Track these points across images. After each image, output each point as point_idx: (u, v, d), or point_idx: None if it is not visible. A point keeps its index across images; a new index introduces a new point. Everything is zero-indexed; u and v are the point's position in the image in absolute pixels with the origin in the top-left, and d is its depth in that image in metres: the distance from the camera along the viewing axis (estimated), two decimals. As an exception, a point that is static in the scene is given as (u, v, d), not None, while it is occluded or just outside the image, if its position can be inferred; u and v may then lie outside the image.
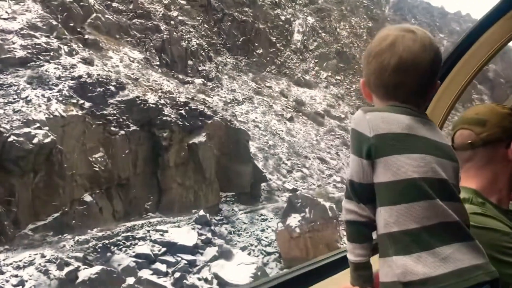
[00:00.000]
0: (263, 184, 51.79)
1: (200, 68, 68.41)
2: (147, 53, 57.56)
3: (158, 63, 51.66)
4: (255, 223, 40.75)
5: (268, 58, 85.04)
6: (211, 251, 31.85)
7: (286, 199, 41.68)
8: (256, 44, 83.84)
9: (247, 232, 39.45)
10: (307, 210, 36.16)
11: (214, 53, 75.96)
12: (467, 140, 1.77)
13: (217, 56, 76.14)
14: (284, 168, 57.59)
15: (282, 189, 52.60)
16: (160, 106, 37.22)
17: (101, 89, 34.26)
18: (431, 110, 2.32)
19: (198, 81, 64.25)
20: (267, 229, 39.55)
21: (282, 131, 65.62)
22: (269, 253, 37.61)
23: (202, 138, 39.15)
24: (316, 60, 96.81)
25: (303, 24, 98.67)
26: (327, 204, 36.29)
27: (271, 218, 42.20)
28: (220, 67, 73.51)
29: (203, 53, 71.51)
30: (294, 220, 35.92)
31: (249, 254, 35.83)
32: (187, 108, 38.98)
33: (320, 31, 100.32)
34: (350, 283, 1.35)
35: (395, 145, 1.23)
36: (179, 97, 39.61)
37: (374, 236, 1.34)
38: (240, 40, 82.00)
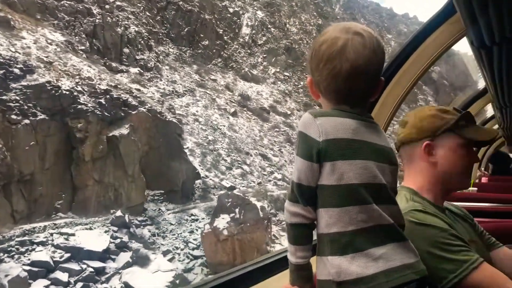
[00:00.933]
0: (197, 182, 48.15)
1: (138, 57, 63.63)
2: (76, 37, 52.52)
3: (83, 47, 46.85)
4: (184, 224, 37.04)
5: (214, 50, 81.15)
6: (124, 257, 27.88)
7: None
8: (202, 35, 79.78)
9: (174, 234, 35.73)
10: (237, 210, 32.90)
11: (156, 43, 71.27)
12: (394, 141, 1.82)
13: (159, 46, 71.51)
14: (223, 165, 54.16)
15: (219, 187, 49.14)
16: (75, 94, 32.77)
17: (1, 72, 29.60)
18: (377, 110, 2.37)
19: (134, 70, 59.66)
20: (196, 230, 35.95)
21: (224, 126, 62.08)
22: (196, 257, 34.08)
23: (124, 130, 35.04)
24: (264, 55, 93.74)
25: (252, 18, 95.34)
26: (259, 204, 33.10)
27: (203, 219, 38.63)
28: (161, 57, 68.98)
29: (142, 42, 66.72)
30: (222, 221, 32.57)
31: (171, 259, 32.20)
32: (108, 96, 34.69)
33: (269, 26, 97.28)
34: (290, 283, 1.34)
35: (341, 150, 1.24)
36: (99, 84, 35.22)
37: (314, 236, 1.34)
38: (185, 30, 77.64)
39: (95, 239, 27.65)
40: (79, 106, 32.21)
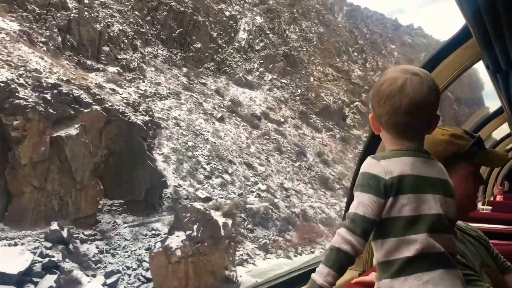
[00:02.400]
0: (168, 191, 43.20)
1: (119, 57, 59.10)
2: (47, 31, 48.09)
3: (43, 40, 42.21)
4: (141, 240, 31.62)
5: (206, 54, 76.39)
6: (48, 281, 23.00)
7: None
8: (194, 38, 75.42)
9: (126, 251, 30.54)
10: (195, 227, 27.87)
11: (143, 43, 66.65)
12: None
13: (146, 47, 66.83)
14: (201, 173, 49.11)
15: (193, 197, 44.04)
16: (13, 86, 28.03)
17: None
18: None
19: (113, 69, 54.87)
20: (154, 247, 30.98)
21: (208, 131, 57.10)
22: (149, 279, 28.92)
23: (73, 130, 30.13)
24: (261, 61, 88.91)
25: (250, 23, 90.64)
26: (221, 220, 28.04)
27: (165, 234, 33.55)
28: (147, 58, 64.26)
29: (126, 41, 62.20)
30: (176, 239, 27.52)
31: (115, 282, 27.14)
32: (55, 92, 29.78)
33: (268, 32, 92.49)
34: None
35: (403, 186, 1.32)
36: (47, 77, 30.43)
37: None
38: (177, 32, 73.19)
39: (13, 258, 22.65)
40: (17, 101, 27.39)
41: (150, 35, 69.30)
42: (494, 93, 2.98)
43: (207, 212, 27.83)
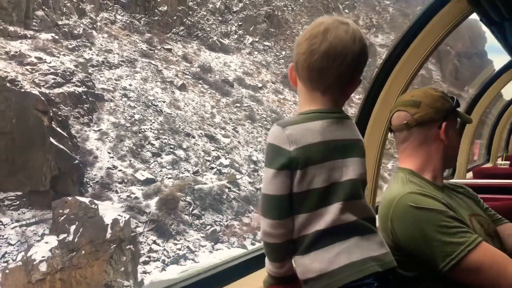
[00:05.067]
0: (99, 175, 35.10)
1: (60, 23, 50.56)
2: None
3: None
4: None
5: (175, 18, 67.38)
6: None
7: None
8: (159, 0, 66.28)
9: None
10: (72, 228, 19.81)
11: (96, 8, 58.16)
12: (403, 121, 1.76)
13: (101, 12, 58.27)
14: (148, 151, 40.82)
15: (130, 180, 36.06)
16: None
17: None
18: (387, 88, 2.32)
19: (46, 36, 46.11)
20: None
21: (164, 102, 48.33)
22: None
23: None
24: (240, 23, 79.82)
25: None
26: (110, 217, 19.92)
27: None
28: (99, 24, 55.71)
29: (69, 5, 53.65)
30: (44, 247, 19.55)
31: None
32: None
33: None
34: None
35: (311, 156, 1.23)
36: None
37: None
38: None
39: None
40: None
41: (106, -1, 60.46)
42: (498, 47, 2.73)
43: (92, 207, 19.57)
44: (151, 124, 41.90)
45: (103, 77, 46.53)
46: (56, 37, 46.07)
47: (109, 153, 36.03)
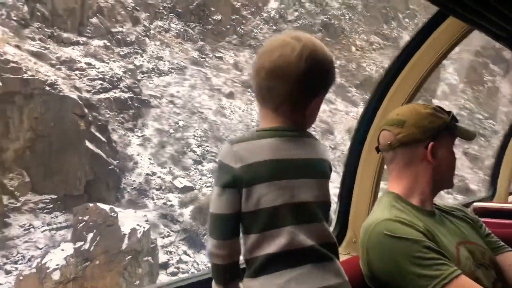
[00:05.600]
0: (138, 181, 34.68)
1: (114, 30, 51.53)
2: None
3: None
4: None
5: (228, 26, 67.33)
6: None
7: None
8: (213, 9, 66.49)
9: (29, 265, 22.23)
10: (90, 236, 19.03)
11: (152, 17, 59.09)
12: (387, 141, 1.64)
13: (155, 21, 59.15)
14: (189, 158, 40.23)
15: (168, 187, 35.40)
16: None
17: None
18: (385, 105, 2.16)
19: (98, 43, 47.02)
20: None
21: (210, 109, 47.80)
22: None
23: None
24: (294, 32, 79.42)
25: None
26: (129, 226, 18.99)
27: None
28: (152, 32, 56.52)
29: (124, 13, 54.70)
30: (59, 255, 18.88)
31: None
32: None
33: (303, 1, 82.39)
34: None
35: (258, 174, 1.16)
36: None
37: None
38: (194, 4, 64.87)
39: None
40: None
41: (161, 8, 61.31)
42: None
43: (112, 215, 18.76)
44: (194, 131, 41.28)
45: (152, 83, 46.68)
46: (108, 43, 46.75)
47: (149, 159, 35.63)
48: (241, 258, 1.21)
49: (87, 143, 27.06)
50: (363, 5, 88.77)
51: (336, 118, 59.74)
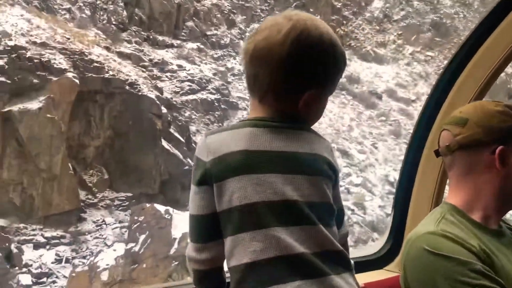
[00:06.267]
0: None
1: (209, 33, 52.16)
2: (111, 5, 43.14)
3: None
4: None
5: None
6: None
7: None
8: (312, 10, 64.94)
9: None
10: (142, 238, 18.39)
11: (249, 20, 59.15)
12: (445, 143, 1.43)
13: (251, 23, 59.07)
14: (272, 161, 38.50)
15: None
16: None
17: None
18: (451, 98, 1.88)
19: (192, 45, 47.87)
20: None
21: (299, 112, 46.33)
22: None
23: (34, 104, 23.31)
24: (400, 32, 74.17)
25: (388, -10, 76.61)
26: (181, 230, 18.00)
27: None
28: (246, 35, 56.49)
29: (220, 16, 55.24)
30: (111, 255, 18.40)
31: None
32: (13, 56, 23.40)
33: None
34: None
35: (230, 166, 1.02)
36: (10, 39, 24.11)
37: None
38: (293, 5, 63.96)
39: None
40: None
41: (259, 10, 61.31)
42: None
43: (165, 217, 18.01)
44: (280, 135, 39.90)
45: (242, 86, 46.26)
46: (202, 46, 47.33)
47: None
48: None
49: (163, 143, 26.92)
50: (480, 2, 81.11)
51: (441, 124, 54.73)
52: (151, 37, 43.29)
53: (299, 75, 1.03)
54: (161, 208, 18.02)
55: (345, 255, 1.02)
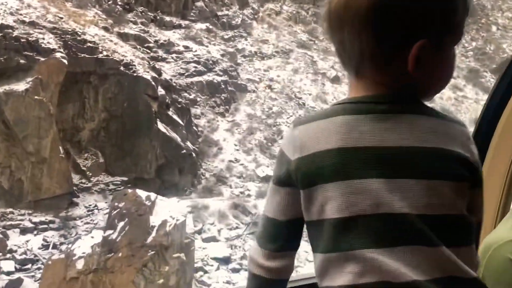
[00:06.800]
0: (219, 167, 32.88)
1: (219, 13, 50.67)
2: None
3: None
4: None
5: (346, 7, 63.43)
6: None
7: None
8: (329, -11, 62.63)
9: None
10: (120, 225, 17.48)
11: (263, 0, 57.38)
12: None
13: (266, 3, 57.28)
14: (278, 146, 37.10)
15: (249, 175, 33.04)
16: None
17: None
18: None
19: (200, 26, 46.48)
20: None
21: (310, 94, 44.49)
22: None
23: (21, 85, 22.51)
24: (423, 11, 71.74)
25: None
26: (161, 218, 16.92)
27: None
28: (261, 15, 54.71)
29: (231, -5, 53.67)
30: (88, 242, 17.55)
31: None
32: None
33: (436, -24, 74.09)
34: None
35: (321, 170, 0.83)
36: (-2, 19, 23.25)
37: None
38: None
39: None
40: None
41: (276, -10, 59.55)
42: None
43: (146, 203, 17.03)
44: (288, 118, 38.40)
45: (252, 67, 44.80)
46: (211, 27, 45.97)
47: (235, 145, 33.80)
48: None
49: (159, 126, 25.90)
50: (511, -22, 77.24)
51: (463, 107, 52.01)
52: (158, 17, 42.12)
53: (393, 24, 0.76)
54: (143, 194, 16.96)
55: (477, 282, 0.78)
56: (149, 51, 35.74)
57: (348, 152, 0.77)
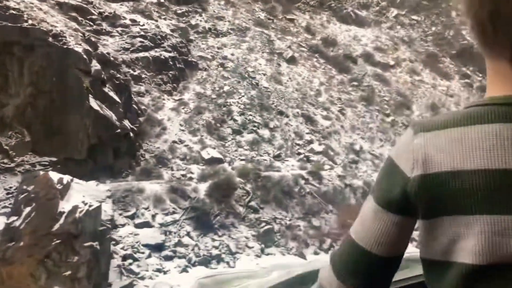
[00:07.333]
0: (162, 148, 31.34)
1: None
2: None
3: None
4: None
5: (309, -14, 61.88)
6: None
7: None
8: (290, -32, 60.94)
9: None
10: (26, 210, 15.94)
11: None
12: None
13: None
14: (228, 127, 35.90)
15: (194, 157, 31.63)
16: None
17: None
18: None
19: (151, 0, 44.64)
20: None
21: (264, 74, 43.16)
22: None
23: None
24: (385, -7, 70.75)
25: None
26: (73, 203, 15.48)
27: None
28: (218, -10, 52.72)
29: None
30: None
31: None
32: None
33: (399, -41, 73.02)
34: None
35: (457, 197, 0.63)
36: None
37: None
38: None
39: None
40: None
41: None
42: None
43: (56, 187, 15.45)
44: (239, 98, 37.00)
45: (205, 44, 42.94)
46: (163, 0, 43.76)
47: (180, 125, 32.22)
48: None
49: (92, 103, 24.06)
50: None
51: (419, 92, 51.86)
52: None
53: None
54: (56, 176, 15.33)
55: None
56: (91, 24, 33.49)
57: (502, 176, 0.55)
